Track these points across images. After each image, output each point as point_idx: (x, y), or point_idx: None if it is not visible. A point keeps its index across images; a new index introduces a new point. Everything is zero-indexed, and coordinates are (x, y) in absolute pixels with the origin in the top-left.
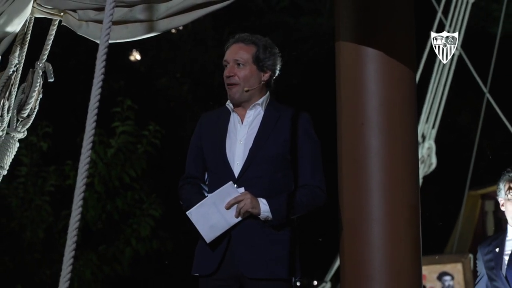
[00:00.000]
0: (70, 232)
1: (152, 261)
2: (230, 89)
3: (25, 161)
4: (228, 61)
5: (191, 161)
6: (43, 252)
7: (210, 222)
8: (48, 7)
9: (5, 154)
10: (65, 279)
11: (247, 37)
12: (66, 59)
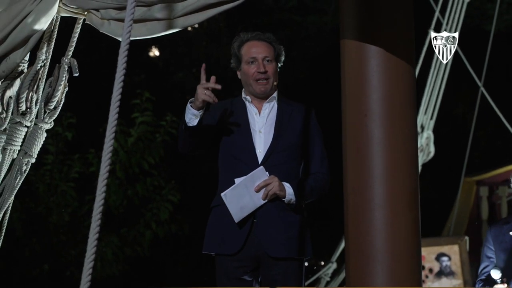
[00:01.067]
0: (94, 216)
1: (170, 243)
2: (263, 83)
3: (51, 150)
4: (256, 58)
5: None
6: (69, 234)
7: (241, 203)
8: (73, 6)
9: (33, 144)
10: (89, 260)
11: (267, 36)
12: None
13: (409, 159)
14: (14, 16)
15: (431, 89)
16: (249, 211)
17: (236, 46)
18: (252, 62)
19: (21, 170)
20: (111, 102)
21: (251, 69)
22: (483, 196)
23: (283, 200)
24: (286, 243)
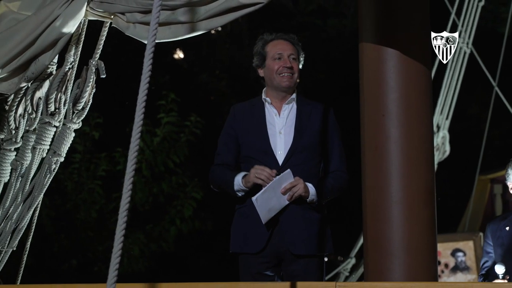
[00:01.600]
0: (120, 213)
1: (194, 239)
2: (288, 77)
3: (79, 149)
4: (283, 55)
5: (223, 150)
6: (96, 231)
7: (269, 205)
8: (100, 10)
9: (62, 143)
10: (116, 255)
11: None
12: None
13: (425, 157)
14: (43, 19)
15: (447, 89)
16: (276, 212)
17: (260, 45)
18: (278, 58)
19: (50, 168)
20: (137, 103)
21: (276, 64)
22: (497, 193)
23: (305, 200)
24: (307, 241)
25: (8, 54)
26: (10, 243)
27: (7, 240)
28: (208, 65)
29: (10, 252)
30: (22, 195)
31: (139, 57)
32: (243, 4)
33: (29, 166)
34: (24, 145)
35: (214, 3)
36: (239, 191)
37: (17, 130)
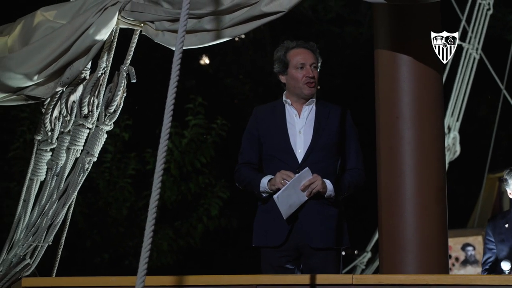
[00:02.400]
0: (150, 210)
1: (220, 235)
2: (310, 86)
3: (110, 149)
4: (305, 64)
5: (247, 149)
6: (126, 227)
7: (289, 202)
8: (130, 19)
9: (94, 144)
10: (146, 250)
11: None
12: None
13: (437, 157)
14: (77, 27)
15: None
16: (296, 208)
17: (282, 52)
18: (301, 67)
19: (83, 168)
20: (165, 106)
21: (299, 74)
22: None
23: (323, 196)
24: (325, 235)
25: (45, 60)
26: (46, 238)
27: (43, 235)
28: (232, 70)
29: (46, 246)
30: (57, 193)
31: (167, 63)
32: (265, 12)
33: (64, 165)
34: (59, 146)
35: (238, 12)
36: (264, 192)
37: (53, 132)
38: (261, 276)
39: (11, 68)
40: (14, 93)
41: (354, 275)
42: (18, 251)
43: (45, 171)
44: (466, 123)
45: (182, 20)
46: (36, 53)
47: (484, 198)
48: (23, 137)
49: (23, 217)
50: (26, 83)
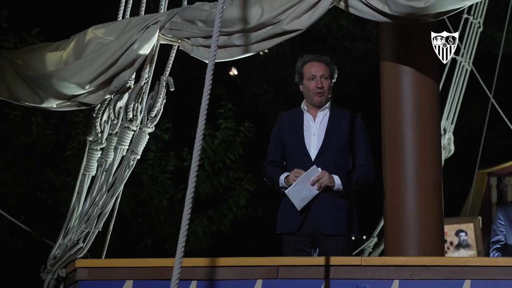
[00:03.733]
0: (187, 200)
1: (247, 223)
2: (320, 96)
3: (152, 148)
4: (316, 76)
5: (272, 149)
6: (166, 216)
7: (301, 196)
8: (169, 36)
9: (138, 144)
10: (183, 235)
11: (325, 58)
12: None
13: (434, 155)
14: (123, 43)
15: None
16: (308, 200)
17: (300, 65)
18: (312, 78)
19: (129, 164)
20: (200, 111)
21: (311, 84)
22: (493, 184)
23: (333, 189)
24: (335, 223)
25: (95, 72)
26: (97, 225)
27: (94, 223)
28: (257, 80)
29: (97, 232)
30: (106, 186)
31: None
32: (286, 30)
33: (112, 162)
34: (108, 145)
35: (263, 29)
36: (282, 188)
37: (102, 134)
38: (282, 258)
39: (66, 78)
40: (68, 100)
41: (363, 257)
42: (72, 236)
43: (96, 167)
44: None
45: (214, 37)
46: (88, 66)
47: (475, 190)
48: (77, 138)
49: (77, 207)
50: (79, 91)
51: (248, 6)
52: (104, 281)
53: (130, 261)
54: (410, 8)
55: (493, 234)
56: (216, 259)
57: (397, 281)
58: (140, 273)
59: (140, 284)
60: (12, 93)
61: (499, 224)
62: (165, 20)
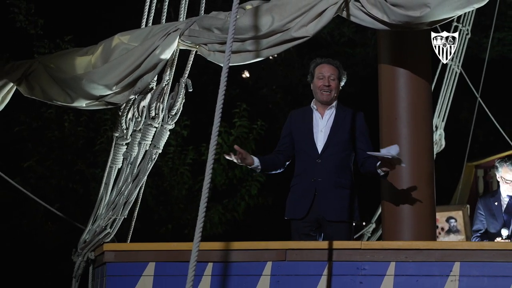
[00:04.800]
0: (204, 190)
1: (258, 210)
2: (326, 93)
3: (173, 143)
4: (324, 75)
5: (281, 141)
6: (185, 204)
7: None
8: (188, 42)
9: (160, 139)
10: (200, 222)
11: (335, 62)
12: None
13: (427, 149)
14: (147, 49)
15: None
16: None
17: (312, 66)
18: (321, 78)
19: (151, 158)
20: (215, 110)
21: (319, 82)
22: (480, 176)
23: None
24: (339, 211)
25: (121, 75)
26: (122, 212)
27: (120, 210)
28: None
29: (122, 219)
30: (131, 177)
31: (217, 76)
32: (294, 37)
33: (136, 156)
34: (132, 141)
35: (273, 37)
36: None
37: (127, 130)
38: (289, 242)
39: (95, 80)
40: (97, 100)
41: (362, 242)
42: (100, 222)
43: (121, 160)
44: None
45: (228, 43)
46: (114, 69)
47: (463, 181)
48: (105, 134)
49: (104, 196)
50: (106, 92)
51: (259, 15)
52: (129, 263)
53: (153, 245)
54: (407, 17)
55: (474, 223)
56: (230, 243)
57: (394, 263)
58: (161, 256)
59: (162, 266)
60: (46, 93)
61: (479, 214)
62: (184, 27)
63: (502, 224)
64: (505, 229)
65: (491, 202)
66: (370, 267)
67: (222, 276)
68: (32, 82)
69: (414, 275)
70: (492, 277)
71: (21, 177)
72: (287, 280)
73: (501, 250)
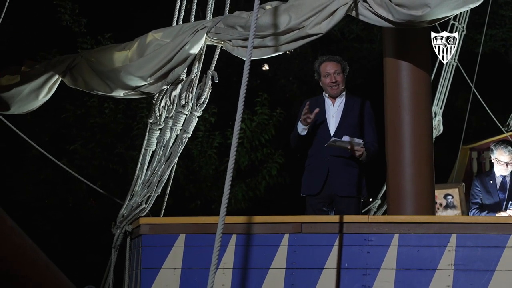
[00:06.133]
0: (228, 170)
1: (278, 188)
2: (334, 88)
3: (201, 128)
4: (330, 73)
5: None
6: (212, 182)
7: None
8: (214, 38)
9: (189, 125)
10: (225, 198)
11: (336, 58)
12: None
13: (427, 134)
14: (177, 44)
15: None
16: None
17: (317, 65)
18: (327, 75)
19: (182, 141)
20: (239, 99)
21: (327, 80)
22: (474, 158)
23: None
24: (349, 187)
25: (154, 68)
26: (156, 189)
27: (154, 188)
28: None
29: (156, 196)
30: (164, 159)
31: (240, 69)
32: (309, 34)
33: (168, 140)
34: (165, 126)
35: (290, 33)
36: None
37: (160, 117)
38: (304, 216)
39: (131, 72)
40: (133, 90)
41: (369, 216)
42: (137, 199)
43: (155, 143)
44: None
45: (250, 39)
46: (149, 62)
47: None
48: (142, 121)
49: (140, 176)
50: (141, 83)
51: (278, 15)
52: (162, 235)
53: (183, 219)
54: (410, 16)
55: (471, 198)
56: (252, 217)
57: (397, 235)
58: (191, 228)
59: (191, 237)
60: (88, 84)
61: (476, 190)
62: (211, 25)
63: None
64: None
65: (486, 181)
66: (376, 239)
67: (244, 246)
68: (75, 74)
69: (415, 246)
70: (485, 248)
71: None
72: (302, 250)
73: (493, 224)
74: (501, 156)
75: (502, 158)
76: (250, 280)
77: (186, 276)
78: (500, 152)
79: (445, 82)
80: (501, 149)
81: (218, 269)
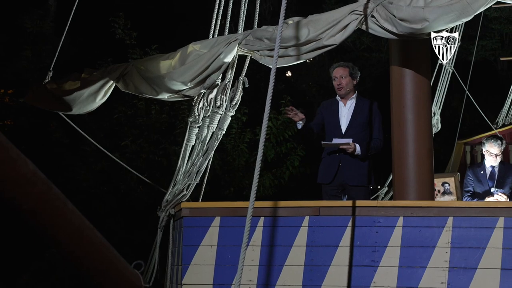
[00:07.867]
0: (257, 162)
1: (299, 178)
2: (339, 90)
3: (234, 126)
4: (336, 77)
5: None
6: (244, 172)
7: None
8: (245, 49)
9: (224, 123)
10: (255, 185)
11: (344, 64)
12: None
13: (427, 131)
14: (213, 54)
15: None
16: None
17: (330, 71)
18: (334, 79)
19: (217, 137)
20: (266, 100)
21: (335, 83)
22: (468, 151)
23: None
24: (358, 177)
25: (194, 74)
26: (195, 178)
27: (194, 177)
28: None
29: (195, 184)
30: (202, 152)
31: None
32: (325, 45)
33: (205, 136)
34: (203, 124)
35: (309, 44)
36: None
37: (199, 116)
38: (322, 201)
39: (174, 78)
40: (176, 93)
41: (378, 201)
42: (179, 186)
43: (194, 139)
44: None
45: (276, 50)
46: (189, 70)
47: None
48: (183, 120)
49: (182, 167)
50: (183, 88)
51: (299, 28)
52: (201, 217)
53: (219, 204)
54: (411, 29)
55: (465, 186)
56: (277, 202)
57: (402, 217)
58: (225, 212)
59: (225, 219)
60: (137, 89)
61: (469, 179)
62: (242, 38)
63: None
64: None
65: (477, 171)
66: (384, 220)
67: (271, 227)
68: (127, 80)
69: (417, 227)
70: (478, 228)
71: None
72: (320, 230)
73: (484, 208)
74: (491, 148)
75: (492, 150)
76: (276, 256)
77: (221, 252)
78: (491, 145)
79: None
80: (491, 142)
81: (248, 246)
